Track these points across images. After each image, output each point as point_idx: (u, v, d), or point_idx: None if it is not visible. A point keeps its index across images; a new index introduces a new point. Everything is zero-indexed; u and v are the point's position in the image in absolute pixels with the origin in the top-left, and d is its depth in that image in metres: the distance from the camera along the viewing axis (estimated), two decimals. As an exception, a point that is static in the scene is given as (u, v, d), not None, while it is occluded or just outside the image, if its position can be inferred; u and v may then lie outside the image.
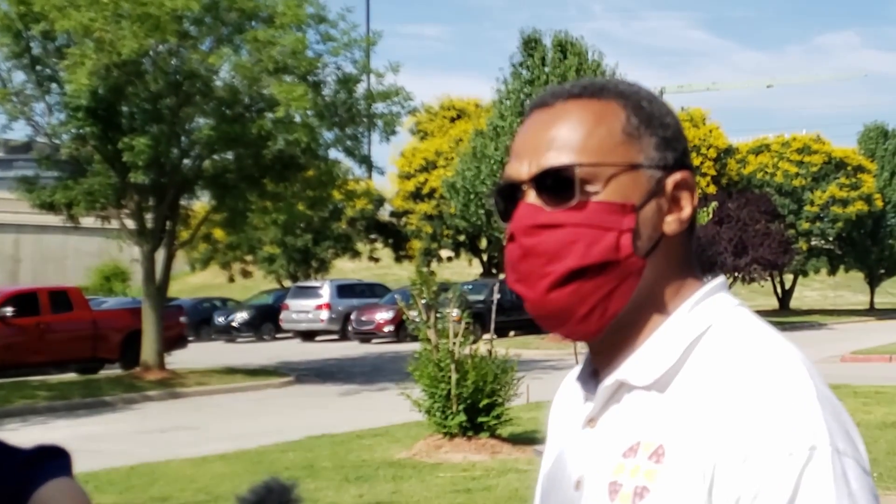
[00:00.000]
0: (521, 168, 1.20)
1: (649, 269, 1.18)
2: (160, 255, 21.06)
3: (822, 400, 1.08)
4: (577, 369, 1.31)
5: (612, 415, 1.19)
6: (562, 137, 1.19)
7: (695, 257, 1.24)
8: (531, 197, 1.19)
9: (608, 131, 1.19)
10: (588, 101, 1.21)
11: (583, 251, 1.15)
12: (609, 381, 1.19)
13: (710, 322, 1.17)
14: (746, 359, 1.11)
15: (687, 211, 1.20)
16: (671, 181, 1.19)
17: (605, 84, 1.23)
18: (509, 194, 1.22)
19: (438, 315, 11.32)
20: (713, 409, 1.09)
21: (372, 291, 37.12)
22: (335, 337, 35.01)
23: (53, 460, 1.53)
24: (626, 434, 1.16)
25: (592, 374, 1.25)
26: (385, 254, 45.86)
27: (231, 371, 22.26)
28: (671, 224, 1.19)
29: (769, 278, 41.65)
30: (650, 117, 1.21)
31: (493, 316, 13.52)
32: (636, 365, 1.17)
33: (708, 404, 1.09)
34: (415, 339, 12.15)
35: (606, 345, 1.21)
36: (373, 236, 44.42)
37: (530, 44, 31.44)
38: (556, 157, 1.18)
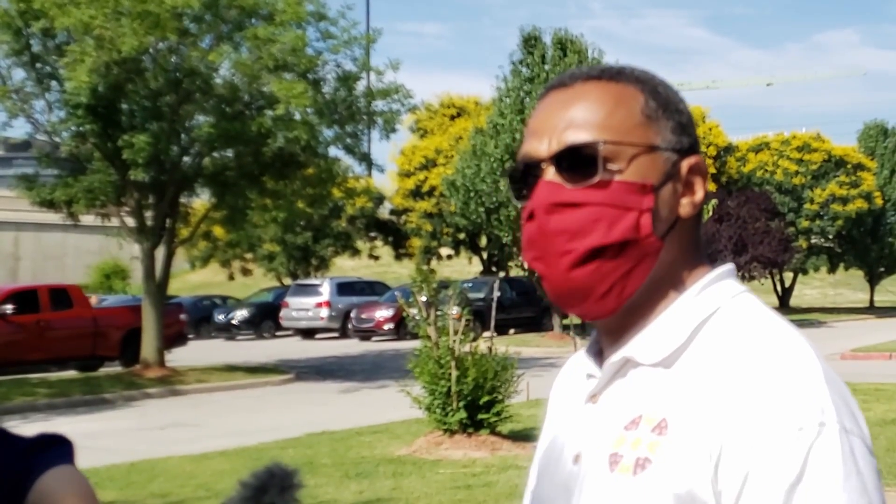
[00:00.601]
0: (539, 146, 1.21)
1: (665, 250, 1.19)
2: (160, 253, 21.06)
3: (829, 380, 1.10)
4: (581, 351, 1.32)
5: (615, 390, 1.20)
6: (582, 116, 1.20)
7: (703, 243, 1.25)
8: (550, 174, 1.19)
9: (628, 112, 1.20)
10: (607, 83, 1.23)
11: (605, 230, 1.17)
12: (616, 357, 1.20)
13: (718, 304, 1.19)
14: (755, 339, 1.13)
15: (700, 195, 1.22)
16: (686, 164, 1.21)
17: (622, 69, 1.25)
18: (526, 173, 1.22)
19: (438, 312, 11.33)
20: (720, 385, 1.10)
21: (372, 289, 37.14)
22: (335, 335, 35.02)
23: (55, 448, 1.54)
24: (628, 408, 1.17)
25: (598, 354, 1.27)
26: (385, 252, 45.86)
27: (231, 368, 22.27)
28: (686, 207, 1.21)
29: (769, 276, 41.66)
30: (667, 102, 1.23)
31: (493, 313, 13.55)
32: (644, 343, 1.19)
33: (715, 381, 1.10)
34: (415, 336, 12.16)
35: (617, 324, 1.22)
36: (373, 234, 44.40)
37: (530, 41, 31.40)
38: (579, 135, 1.19)
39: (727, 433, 1.07)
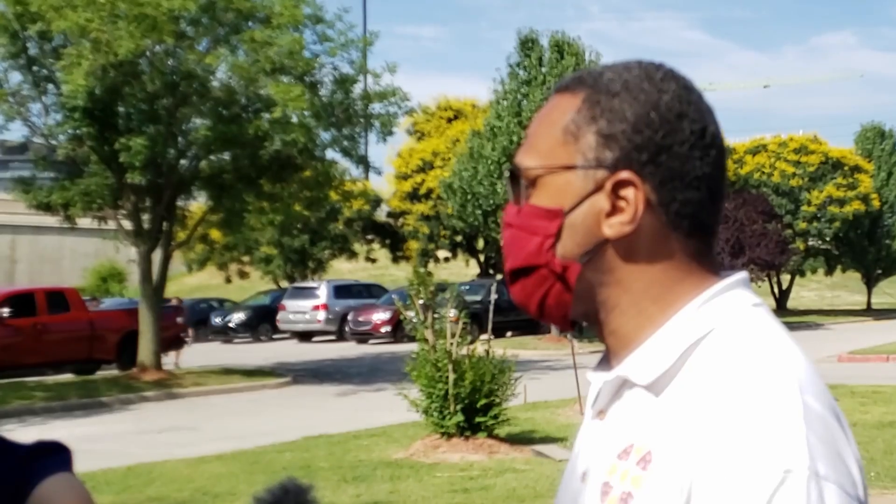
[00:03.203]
0: None
1: (602, 272, 1.15)
2: (157, 256, 21.05)
3: (809, 420, 1.03)
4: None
5: (617, 409, 1.18)
6: (529, 135, 1.22)
7: (705, 252, 1.18)
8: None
9: (551, 130, 1.18)
10: (562, 95, 1.20)
11: (515, 254, 1.19)
12: (611, 376, 1.17)
13: (714, 324, 1.13)
14: (738, 372, 1.07)
15: (627, 215, 1.13)
16: (611, 182, 1.14)
17: (586, 76, 1.20)
18: None
19: (436, 315, 11.33)
20: (698, 421, 1.05)
21: (369, 292, 37.12)
22: (332, 337, 34.99)
23: (54, 456, 1.53)
24: (624, 434, 1.14)
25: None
26: (382, 254, 45.85)
27: (228, 372, 22.25)
28: (614, 227, 1.14)
29: (766, 279, 41.68)
30: (601, 112, 1.16)
31: (491, 316, 13.54)
32: (636, 363, 1.15)
33: (695, 416, 1.06)
34: (412, 339, 12.15)
35: (606, 339, 1.20)
36: (370, 237, 44.40)
37: (527, 44, 31.42)
38: (517, 157, 1.21)
39: (697, 474, 1.03)
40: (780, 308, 46.94)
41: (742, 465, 1.00)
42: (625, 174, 1.14)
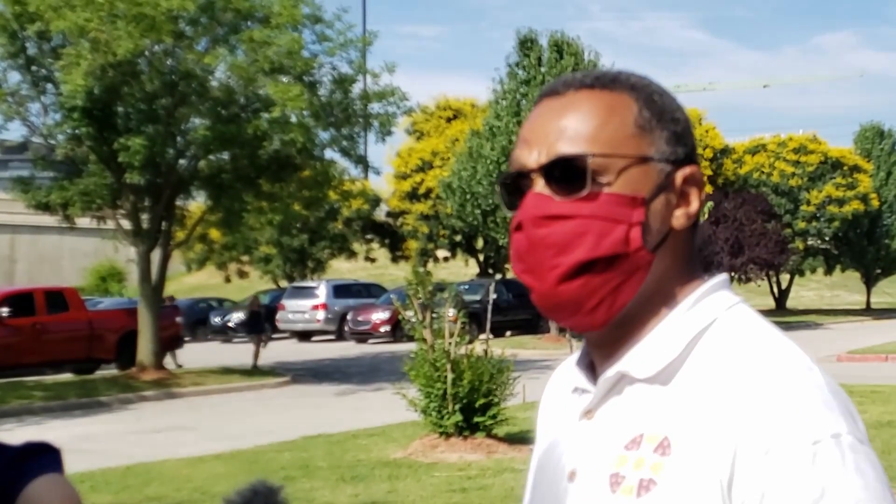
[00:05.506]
0: (530, 156, 1.18)
1: (657, 263, 1.17)
2: (156, 256, 21.06)
3: (833, 392, 1.09)
4: (567, 363, 1.30)
5: (611, 407, 1.18)
6: (574, 127, 1.17)
7: (697, 254, 1.24)
8: (540, 186, 1.17)
9: (621, 123, 1.18)
10: (600, 91, 1.20)
11: (592, 243, 1.14)
12: (610, 372, 1.17)
13: (713, 317, 1.17)
14: (755, 353, 1.11)
15: (694, 206, 1.19)
16: (680, 175, 1.19)
17: (616, 76, 1.22)
18: (516, 182, 1.20)
19: (434, 315, 11.33)
20: (725, 401, 1.07)
21: (368, 291, 37.15)
22: (331, 337, 35.01)
23: (43, 456, 1.52)
24: (627, 426, 1.14)
25: (589, 367, 1.24)
26: (381, 254, 45.86)
27: (227, 371, 22.25)
28: (679, 218, 1.18)
29: (765, 278, 41.72)
30: (662, 111, 1.20)
31: (489, 316, 13.55)
32: (638, 357, 1.16)
33: (718, 397, 1.08)
34: (411, 339, 12.15)
35: (609, 338, 1.19)
36: (369, 236, 44.41)
37: (526, 44, 31.44)
38: (569, 146, 1.16)
39: (738, 453, 1.05)
40: (780, 307, 46.97)
41: (791, 434, 1.04)
42: (694, 169, 1.20)
